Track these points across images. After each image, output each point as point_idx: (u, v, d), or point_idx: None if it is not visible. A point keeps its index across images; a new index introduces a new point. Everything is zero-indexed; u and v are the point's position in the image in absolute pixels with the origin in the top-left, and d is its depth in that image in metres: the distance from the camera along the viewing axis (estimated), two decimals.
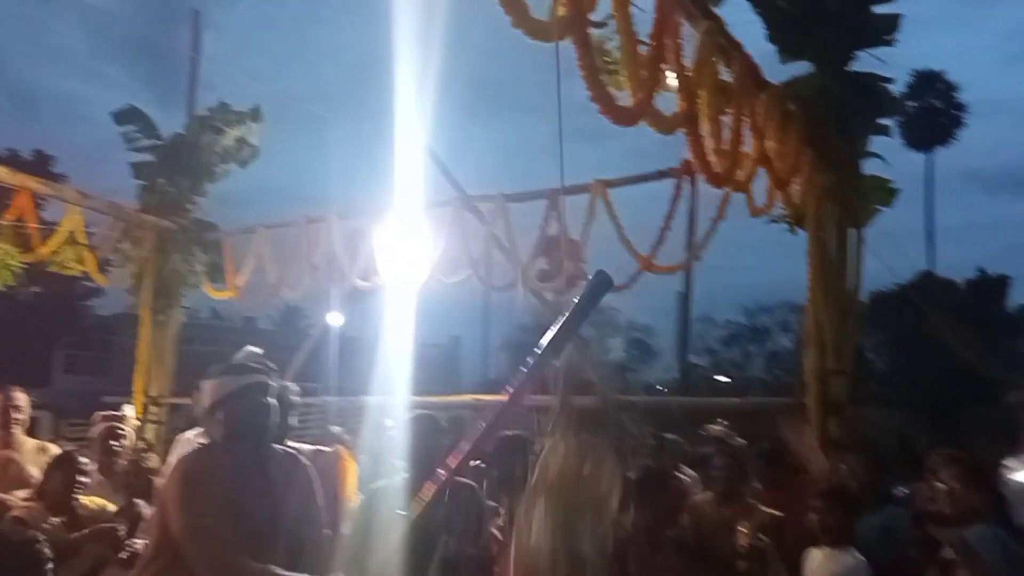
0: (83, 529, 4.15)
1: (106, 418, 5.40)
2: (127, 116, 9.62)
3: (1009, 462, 4.36)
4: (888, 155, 6.24)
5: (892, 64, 6.10)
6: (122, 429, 5.35)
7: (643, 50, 3.86)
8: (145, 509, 4.35)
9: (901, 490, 5.30)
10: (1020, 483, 3.41)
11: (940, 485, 3.76)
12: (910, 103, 35.62)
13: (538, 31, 3.01)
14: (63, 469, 4.34)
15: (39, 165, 26.13)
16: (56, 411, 11.77)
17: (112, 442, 5.22)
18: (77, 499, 4.33)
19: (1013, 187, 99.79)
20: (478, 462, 6.40)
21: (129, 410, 5.97)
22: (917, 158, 37.90)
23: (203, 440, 3.57)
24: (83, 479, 4.39)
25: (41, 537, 3.44)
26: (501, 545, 3.96)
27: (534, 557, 3.07)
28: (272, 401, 3.30)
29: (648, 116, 3.67)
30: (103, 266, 8.81)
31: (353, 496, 5.06)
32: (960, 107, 38.32)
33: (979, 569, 3.29)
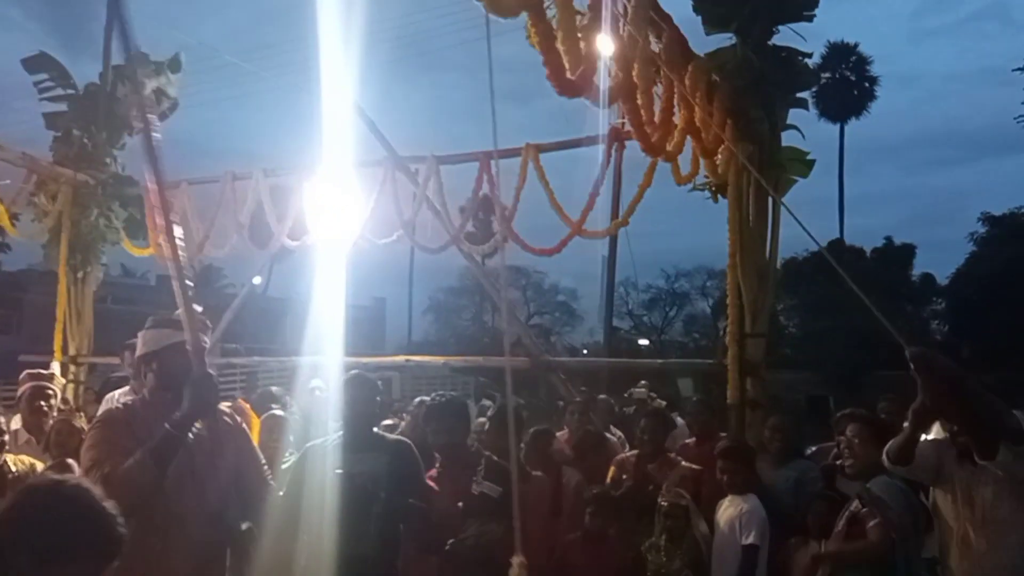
0: (10, 489, 4.07)
1: (32, 377, 5.28)
2: (38, 63, 9.19)
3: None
4: (802, 125, 6.44)
5: (807, 35, 6.27)
6: (51, 388, 5.24)
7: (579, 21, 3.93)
8: (77, 468, 4.28)
9: (810, 448, 5.64)
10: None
11: (846, 442, 4.05)
12: (824, 74, 36.39)
13: (501, 8, 3.09)
14: None
15: None
16: None
17: (40, 402, 5.12)
18: (3, 458, 4.23)
19: (921, 159, 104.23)
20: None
21: (57, 369, 5.82)
22: (830, 128, 38.93)
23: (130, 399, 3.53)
24: (2, 437, 4.28)
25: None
26: (436, 494, 4.08)
27: None
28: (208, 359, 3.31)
29: (588, 89, 3.75)
30: (13, 220, 8.48)
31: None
32: (872, 80, 39.41)
33: (887, 515, 3.63)
